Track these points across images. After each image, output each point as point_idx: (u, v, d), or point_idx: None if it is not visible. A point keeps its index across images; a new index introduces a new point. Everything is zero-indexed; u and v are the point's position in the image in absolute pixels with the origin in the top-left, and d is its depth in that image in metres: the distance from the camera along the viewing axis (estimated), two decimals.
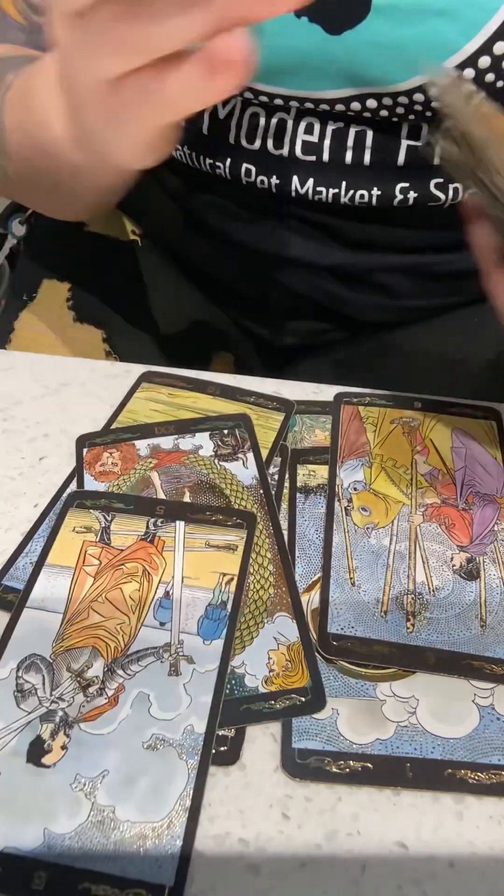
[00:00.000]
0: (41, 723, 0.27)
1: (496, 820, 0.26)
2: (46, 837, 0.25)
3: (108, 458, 0.37)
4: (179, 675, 0.29)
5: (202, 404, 0.42)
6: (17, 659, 0.29)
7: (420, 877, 0.25)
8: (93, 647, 0.29)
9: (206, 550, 0.33)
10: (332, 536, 0.34)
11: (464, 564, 0.33)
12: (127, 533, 0.34)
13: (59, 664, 0.29)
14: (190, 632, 0.30)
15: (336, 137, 0.46)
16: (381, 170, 0.45)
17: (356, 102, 0.43)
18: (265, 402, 0.42)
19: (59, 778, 0.26)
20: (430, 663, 0.30)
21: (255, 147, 0.48)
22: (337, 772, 0.27)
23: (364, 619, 0.31)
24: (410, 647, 0.30)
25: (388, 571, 0.33)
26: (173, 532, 0.33)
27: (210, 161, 0.50)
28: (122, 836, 0.25)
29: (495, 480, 0.37)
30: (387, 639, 0.30)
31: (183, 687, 0.28)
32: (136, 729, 0.27)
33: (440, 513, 0.36)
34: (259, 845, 0.26)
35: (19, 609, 0.31)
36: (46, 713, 0.28)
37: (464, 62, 0.39)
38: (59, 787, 0.26)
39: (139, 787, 0.26)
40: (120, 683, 0.28)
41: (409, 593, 0.32)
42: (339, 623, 0.31)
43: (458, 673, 0.30)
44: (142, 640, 0.30)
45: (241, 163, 0.49)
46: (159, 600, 0.31)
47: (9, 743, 0.27)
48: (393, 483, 0.37)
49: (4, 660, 0.29)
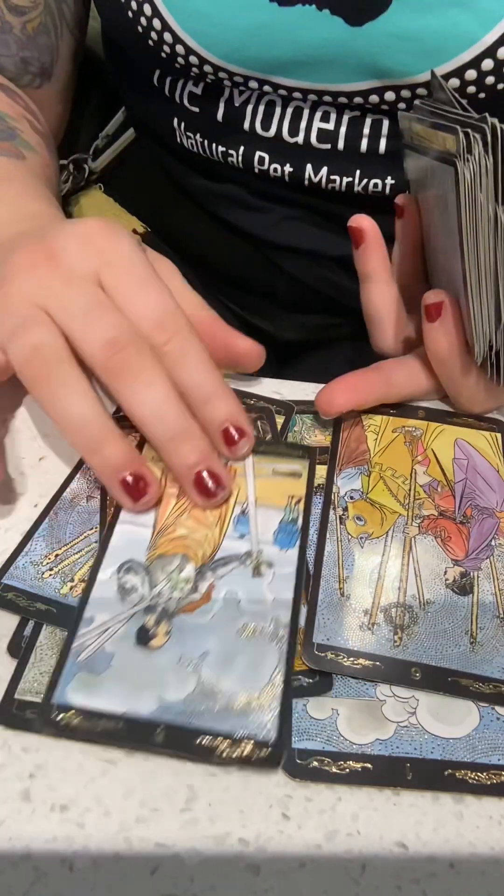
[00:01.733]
0: (145, 614, 0.31)
1: (496, 820, 0.26)
2: (161, 703, 0.28)
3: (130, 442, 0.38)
4: (262, 576, 0.32)
5: None
6: (116, 564, 0.32)
7: (420, 877, 0.25)
8: (182, 555, 0.33)
9: (274, 477, 0.37)
10: (325, 545, 0.34)
11: (457, 579, 0.33)
12: None
13: (154, 568, 0.33)
14: (267, 542, 0.34)
15: (352, 125, 0.46)
16: (396, 158, 0.45)
17: (374, 95, 0.43)
18: (265, 404, 0.42)
19: (167, 658, 0.30)
20: (415, 679, 0.29)
21: (270, 135, 0.48)
22: (337, 772, 0.27)
23: (351, 630, 0.31)
24: (397, 660, 0.30)
25: (379, 583, 0.33)
26: (243, 462, 0.37)
27: (223, 149, 0.50)
28: (227, 703, 0.28)
29: (496, 494, 0.37)
30: (373, 651, 0.30)
31: (266, 586, 0.32)
32: (230, 619, 0.31)
33: (437, 525, 0.35)
34: (259, 845, 0.26)
35: (112, 525, 0.34)
36: (148, 607, 0.31)
37: (482, 53, 0.39)
38: (167, 664, 0.29)
39: (237, 664, 0.29)
40: (210, 583, 0.32)
41: (399, 606, 0.32)
42: (325, 633, 0.30)
43: (443, 690, 0.29)
44: (225, 549, 0.33)
45: (255, 150, 0.49)
46: (237, 517, 0.35)
47: (118, 630, 0.30)
48: (390, 493, 0.36)
49: (105, 565, 0.32)
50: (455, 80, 0.41)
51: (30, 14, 0.50)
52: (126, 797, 0.26)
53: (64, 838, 0.26)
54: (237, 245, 0.56)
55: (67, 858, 0.25)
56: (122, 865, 0.25)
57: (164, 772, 0.27)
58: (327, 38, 0.41)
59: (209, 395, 0.35)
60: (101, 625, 0.30)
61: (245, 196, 0.53)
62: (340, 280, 0.54)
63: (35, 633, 0.31)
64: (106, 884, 0.25)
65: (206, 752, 0.27)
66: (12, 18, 0.49)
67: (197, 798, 0.27)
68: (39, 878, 0.25)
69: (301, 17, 0.41)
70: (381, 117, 0.45)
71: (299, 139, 0.47)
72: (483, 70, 0.40)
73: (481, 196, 0.31)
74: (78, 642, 0.30)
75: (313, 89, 0.44)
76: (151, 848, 0.25)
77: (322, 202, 0.50)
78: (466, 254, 0.33)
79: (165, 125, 0.53)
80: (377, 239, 0.39)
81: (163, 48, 0.45)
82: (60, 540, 0.34)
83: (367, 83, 0.43)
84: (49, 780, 0.27)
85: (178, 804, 0.26)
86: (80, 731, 0.27)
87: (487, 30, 0.39)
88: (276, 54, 0.43)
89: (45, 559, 0.33)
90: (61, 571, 0.33)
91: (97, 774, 0.27)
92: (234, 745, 0.27)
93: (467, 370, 0.38)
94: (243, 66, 0.44)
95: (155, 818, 0.26)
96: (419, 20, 0.39)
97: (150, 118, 0.56)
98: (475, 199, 0.31)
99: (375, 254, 0.40)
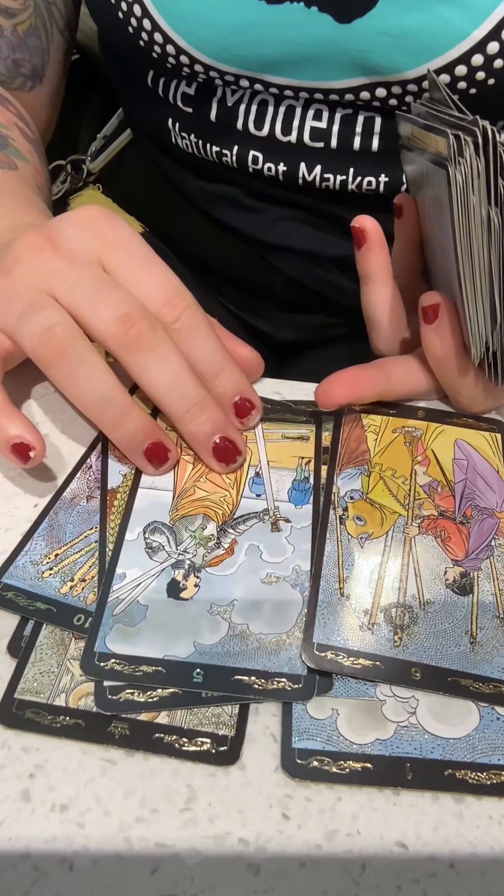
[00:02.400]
0: (173, 569, 0.33)
1: (496, 820, 0.27)
2: (197, 648, 0.30)
3: None
4: (280, 531, 0.34)
5: None
6: (142, 525, 0.34)
7: (420, 877, 0.25)
8: (204, 514, 0.35)
9: (283, 441, 0.39)
10: (325, 545, 0.34)
11: (457, 579, 0.33)
12: None
13: (179, 527, 0.34)
14: (282, 500, 0.36)
15: (345, 123, 0.46)
16: (390, 156, 0.45)
17: (365, 91, 0.43)
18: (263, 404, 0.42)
19: (198, 607, 0.31)
20: (415, 679, 0.29)
21: (264, 134, 0.48)
22: (337, 772, 0.27)
23: (351, 630, 0.31)
24: (397, 660, 0.30)
25: (379, 583, 0.33)
26: (253, 430, 0.39)
27: (217, 149, 0.50)
28: (258, 644, 0.30)
29: (496, 494, 0.37)
30: (373, 651, 0.30)
31: (285, 539, 0.34)
32: (254, 570, 0.33)
33: (437, 525, 0.35)
34: (259, 845, 0.26)
35: (133, 490, 0.36)
36: (176, 562, 0.33)
37: (471, 49, 0.39)
38: (199, 612, 0.31)
39: (264, 609, 0.31)
40: (233, 538, 0.34)
41: (399, 606, 0.32)
42: (325, 633, 0.30)
43: (443, 690, 0.29)
44: (243, 507, 0.35)
45: (249, 150, 0.49)
46: (251, 479, 0.37)
47: (150, 584, 0.32)
48: (390, 493, 0.36)
49: (131, 526, 0.34)
50: (445, 76, 0.41)
51: (20, 16, 0.50)
52: (126, 797, 0.26)
53: (64, 838, 0.25)
54: (234, 245, 0.56)
55: (67, 858, 0.25)
56: (122, 865, 0.25)
57: (164, 772, 0.27)
58: (316, 36, 0.41)
59: (219, 369, 0.36)
60: (134, 580, 0.32)
61: (240, 196, 0.53)
62: (337, 280, 0.54)
63: (35, 633, 0.31)
64: (106, 884, 0.25)
65: (243, 688, 0.29)
66: (2, 21, 0.49)
67: (197, 798, 0.27)
68: (39, 878, 0.25)
69: (289, 15, 0.41)
70: (373, 115, 0.45)
71: (292, 138, 0.47)
72: (473, 66, 0.40)
73: (473, 199, 0.31)
74: (113, 597, 0.31)
75: (304, 87, 0.44)
76: (151, 848, 0.25)
77: (317, 201, 0.50)
78: (460, 256, 0.33)
79: (161, 126, 0.53)
80: (379, 240, 0.40)
81: (153, 48, 0.46)
82: (60, 539, 0.34)
83: (358, 80, 0.43)
84: (49, 780, 0.27)
85: (178, 804, 0.26)
86: (123, 675, 0.29)
87: (476, 25, 0.39)
88: (265, 52, 0.43)
89: (44, 559, 0.33)
90: (61, 571, 0.33)
91: (97, 774, 0.27)
92: (269, 680, 0.29)
93: (465, 371, 0.38)
94: (233, 64, 0.44)
95: (155, 818, 0.26)
96: (407, 17, 0.39)
97: (145, 119, 0.56)
98: (468, 202, 0.32)
99: (377, 255, 0.40)
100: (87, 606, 0.31)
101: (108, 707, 0.28)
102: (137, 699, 0.28)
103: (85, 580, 0.32)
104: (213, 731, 0.28)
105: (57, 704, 0.28)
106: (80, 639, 0.30)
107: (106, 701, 0.28)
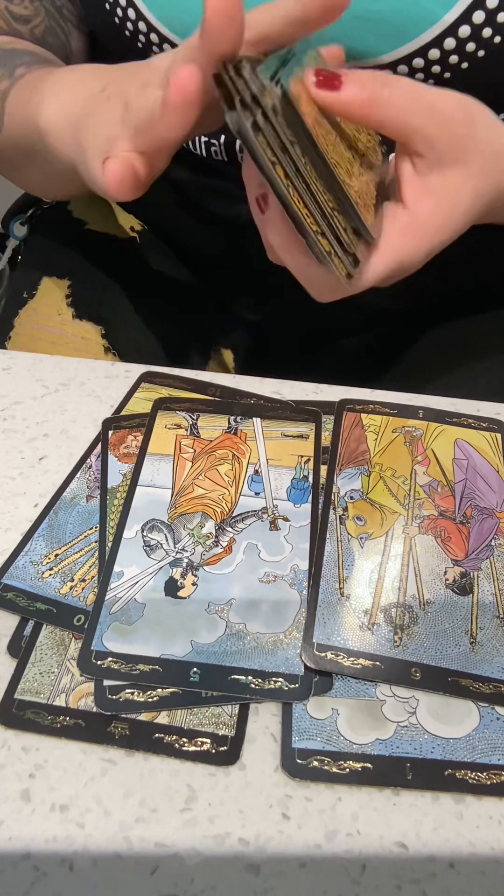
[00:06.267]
0: (171, 567, 0.33)
1: (496, 820, 0.26)
2: (194, 647, 0.30)
3: (133, 440, 0.39)
4: (279, 530, 0.34)
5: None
6: (140, 523, 0.34)
7: (420, 877, 0.25)
8: (202, 512, 0.35)
9: (283, 439, 0.39)
10: (325, 545, 0.34)
11: (457, 579, 0.33)
12: (213, 427, 0.39)
13: (177, 525, 0.34)
14: (281, 498, 0.36)
15: None
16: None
17: None
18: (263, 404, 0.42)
19: (195, 606, 0.31)
20: (415, 679, 0.29)
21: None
22: (337, 772, 0.27)
23: (351, 629, 0.31)
24: (397, 660, 0.30)
25: (379, 583, 0.33)
26: (252, 426, 0.39)
27: (205, 139, 0.50)
28: (255, 643, 0.30)
29: (496, 494, 0.37)
30: (373, 651, 0.30)
31: (283, 538, 0.34)
32: (251, 569, 0.33)
33: (437, 525, 0.35)
34: (259, 845, 0.26)
35: (132, 488, 0.36)
36: (174, 560, 0.33)
37: (444, 32, 0.40)
38: (197, 611, 0.31)
39: (262, 609, 0.31)
40: (231, 537, 0.34)
41: (399, 606, 0.32)
42: (325, 633, 0.30)
43: (443, 690, 0.29)
44: (242, 506, 0.35)
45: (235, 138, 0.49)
46: (250, 477, 0.37)
47: (148, 583, 0.32)
48: (390, 493, 0.36)
49: (129, 524, 0.34)
50: (419, 59, 0.41)
51: (34, 21, 0.52)
52: (126, 797, 0.26)
53: (64, 838, 0.26)
54: (230, 239, 0.56)
55: (67, 858, 0.25)
56: (122, 865, 0.25)
57: (164, 772, 0.27)
58: None
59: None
60: (131, 578, 0.32)
61: (231, 188, 0.53)
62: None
63: (35, 633, 0.31)
64: (106, 884, 0.25)
65: (240, 687, 0.29)
66: (20, 27, 0.51)
67: (197, 798, 0.27)
68: (39, 878, 0.25)
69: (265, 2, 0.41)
70: None
71: None
72: (446, 49, 0.40)
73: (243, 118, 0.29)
74: (110, 595, 0.31)
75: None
76: (151, 848, 0.25)
77: None
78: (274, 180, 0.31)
79: None
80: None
81: (139, 38, 0.46)
82: (60, 540, 0.34)
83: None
84: (49, 780, 0.27)
85: (178, 804, 0.26)
86: (119, 674, 0.29)
87: (447, 9, 0.39)
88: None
89: (44, 559, 0.33)
90: (61, 571, 0.33)
91: (97, 774, 0.27)
92: (266, 680, 0.29)
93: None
94: None
95: (155, 818, 0.26)
96: (380, 1, 0.40)
97: None
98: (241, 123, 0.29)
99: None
100: (87, 607, 0.31)
101: (108, 707, 0.28)
102: (137, 699, 0.28)
103: (85, 580, 0.32)
104: (213, 731, 0.28)
105: (57, 704, 0.28)
106: (81, 639, 0.30)
107: (106, 701, 0.28)
